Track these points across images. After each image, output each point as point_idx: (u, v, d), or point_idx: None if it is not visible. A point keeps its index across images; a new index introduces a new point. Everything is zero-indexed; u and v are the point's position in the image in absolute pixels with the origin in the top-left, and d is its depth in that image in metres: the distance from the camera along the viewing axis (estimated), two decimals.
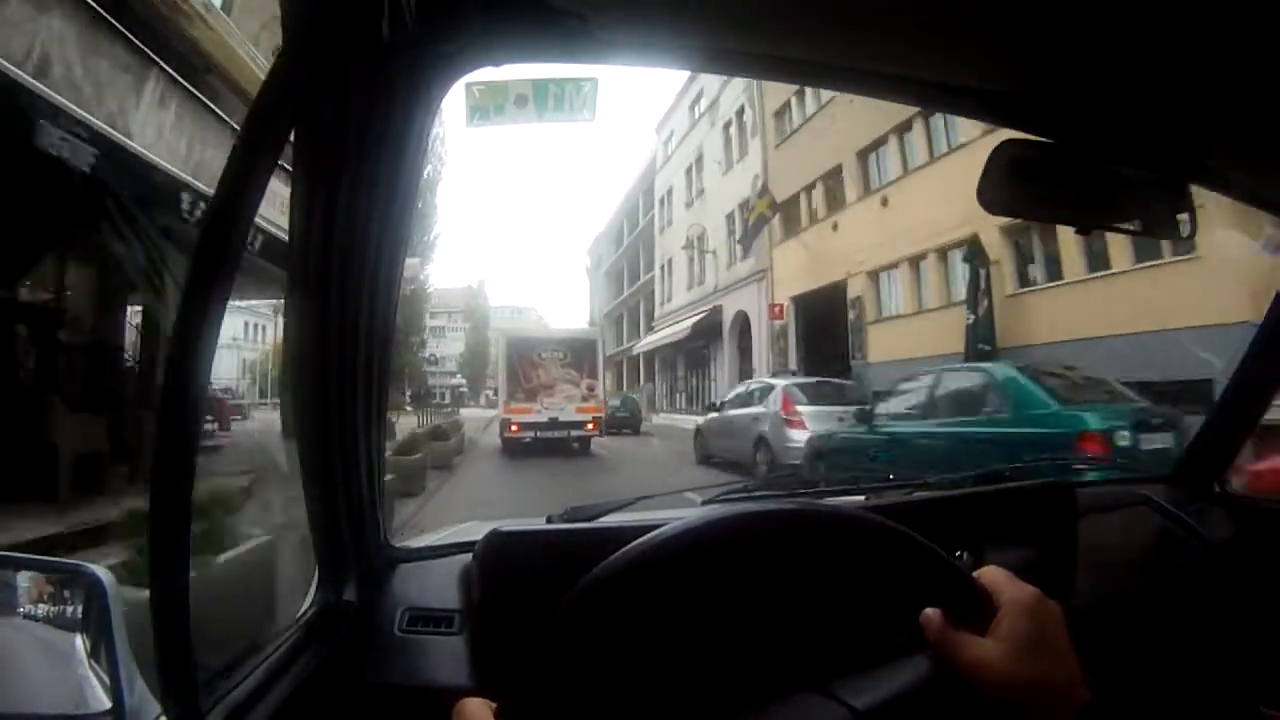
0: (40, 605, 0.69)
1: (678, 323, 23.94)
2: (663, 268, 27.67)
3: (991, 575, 0.54)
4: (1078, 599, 1.06)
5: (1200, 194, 0.96)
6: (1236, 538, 1.39)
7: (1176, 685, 1.23)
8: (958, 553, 0.95)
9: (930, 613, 0.53)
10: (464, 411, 26.51)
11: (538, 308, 65.88)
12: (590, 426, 13.13)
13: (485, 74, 0.77)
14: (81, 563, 0.69)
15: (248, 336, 27.79)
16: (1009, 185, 0.86)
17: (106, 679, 0.64)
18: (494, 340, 16.42)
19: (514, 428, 12.91)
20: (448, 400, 39.45)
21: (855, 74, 0.84)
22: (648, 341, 28.17)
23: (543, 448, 12.54)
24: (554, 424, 12.93)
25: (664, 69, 0.84)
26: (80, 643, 0.67)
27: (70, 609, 0.68)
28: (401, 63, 0.67)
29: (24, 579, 0.71)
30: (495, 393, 14.29)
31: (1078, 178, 0.88)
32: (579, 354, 13.89)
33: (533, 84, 1.24)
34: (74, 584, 0.69)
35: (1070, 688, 0.50)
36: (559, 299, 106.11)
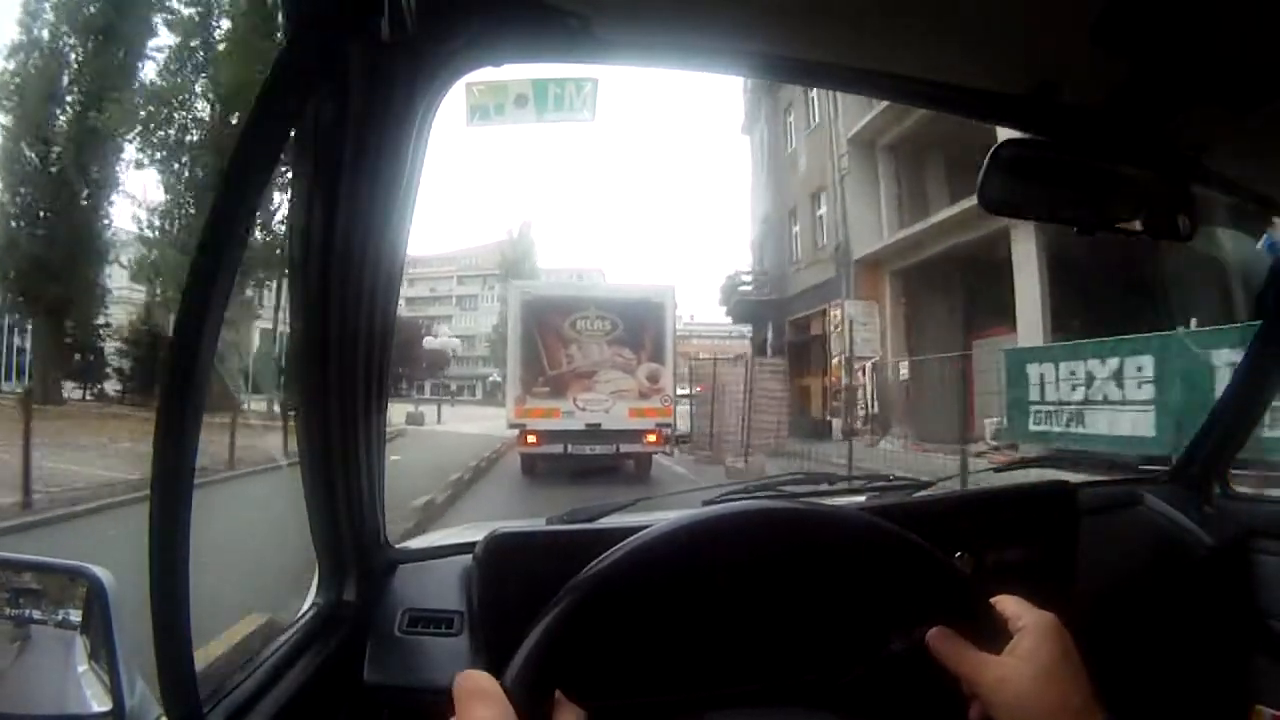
0: (40, 606, 0.69)
1: None
2: None
3: (1007, 602, 0.56)
4: (1078, 599, 1.06)
5: None
6: (1236, 538, 1.39)
7: (1176, 685, 1.23)
8: (957, 553, 0.95)
9: (937, 631, 0.54)
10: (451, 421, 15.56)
11: (606, 270, 41.78)
12: (652, 439, 8.95)
13: (485, 74, 0.77)
14: (82, 563, 0.69)
15: None
16: (1009, 185, 0.86)
17: (106, 679, 0.64)
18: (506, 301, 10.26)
19: (531, 438, 8.76)
20: (478, 394, 28.29)
21: (855, 74, 0.84)
22: None
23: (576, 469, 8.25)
24: (594, 433, 8.74)
25: (664, 69, 0.84)
26: (80, 643, 0.67)
27: (70, 609, 0.68)
28: (401, 63, 0.67)
29: (24, 580, 0.71)
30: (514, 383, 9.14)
31: (1078, 178, 0.88)
32: (635, 324, 9.08)
33: (533, 84, 1.24)
34: (74, 584, 0.69)
35: (1088, 710, 0.51)
36: (656, 256, 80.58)
